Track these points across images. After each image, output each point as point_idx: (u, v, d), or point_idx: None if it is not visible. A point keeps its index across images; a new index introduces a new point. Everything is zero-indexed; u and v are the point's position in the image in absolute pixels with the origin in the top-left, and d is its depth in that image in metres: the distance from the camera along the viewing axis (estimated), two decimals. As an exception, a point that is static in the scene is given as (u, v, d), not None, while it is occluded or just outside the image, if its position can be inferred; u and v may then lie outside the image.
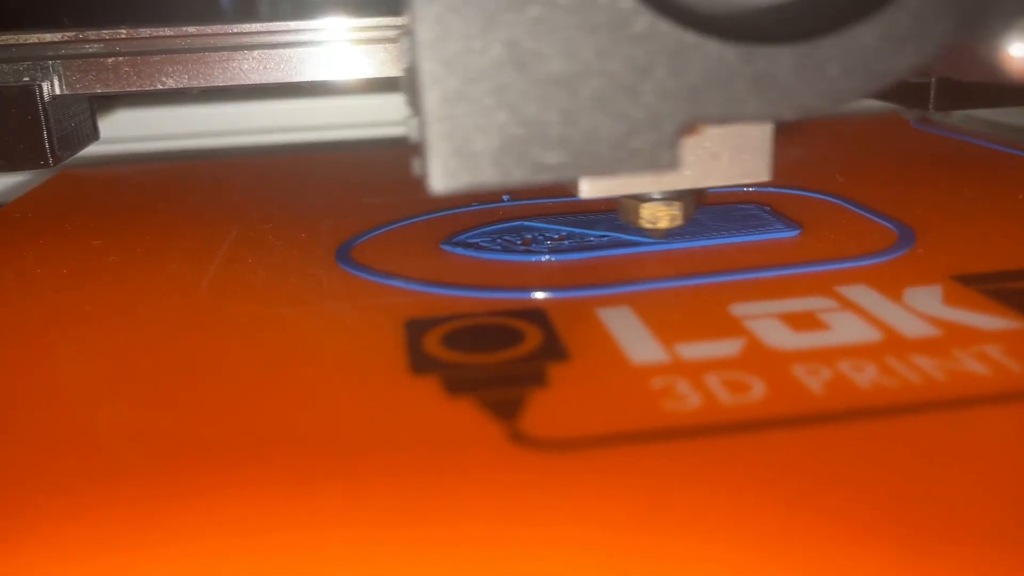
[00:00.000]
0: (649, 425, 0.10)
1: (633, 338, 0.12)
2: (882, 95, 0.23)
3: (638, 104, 0.11)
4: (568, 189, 0.14)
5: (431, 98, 0.10)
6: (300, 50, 0.19)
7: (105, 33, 0.18)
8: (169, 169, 0.25)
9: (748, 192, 0.19)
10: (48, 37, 0.18)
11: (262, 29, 0.19)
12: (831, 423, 0.10)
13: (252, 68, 0.19)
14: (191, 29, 0.19)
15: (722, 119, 0.11)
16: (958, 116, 0.29)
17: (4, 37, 0.18)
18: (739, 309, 0.13)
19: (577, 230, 0.17)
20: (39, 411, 0.11)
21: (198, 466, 0.10)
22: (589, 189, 0.13)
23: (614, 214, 0.18)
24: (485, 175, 0.11)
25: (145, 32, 0.18)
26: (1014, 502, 0.08)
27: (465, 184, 0.11)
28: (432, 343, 0.12)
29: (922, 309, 0.13)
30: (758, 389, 0.11)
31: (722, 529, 0.08)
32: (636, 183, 0.13)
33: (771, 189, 0.19)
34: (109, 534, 0.08)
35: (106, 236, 0.18)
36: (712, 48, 0.11)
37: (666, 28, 0.10)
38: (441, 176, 0.11)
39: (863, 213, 0.17)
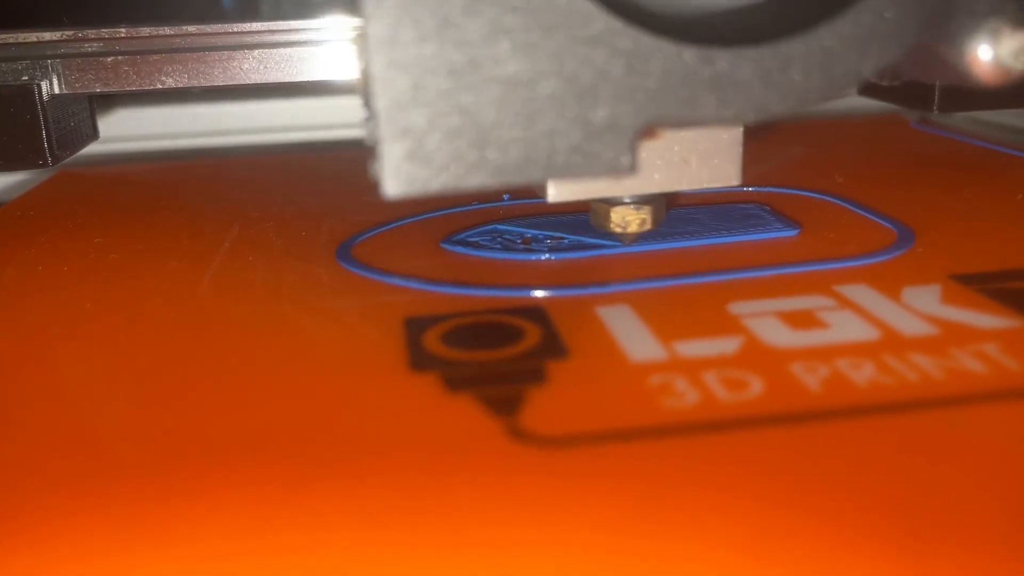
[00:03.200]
0: (647, 422, 0.10)
1: (632, 336, 0.12)
2: (885, 96, 0.23)
3: (596, 107, 0.10)
4: (536, 192, 0.13)
5: (383, 100, 0.10)
6: (300, 49, 0.19)
7: (104, 32, 0.18)
8: (169, 168, 0.25)
9: (748, 192, 0.19)
10: (47, 36, 0.18)
11: (262, 28, 0.19)
12: (829, 421, 0.10)
13: (252, 68, 0.19)
14: (191, 28, 0.18)
15: (681, 122, 0.11)
16: (958, 117, 0.29)
17: (2, 36, 0.18)
18: (738, 308, 0.13)
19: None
20: (39, 410, 0.11)
21: (197, 464, 0.10)
22: (556, 192, 0.13)
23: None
24: (439, 179, 0.10)
25: (145, 31, 0.18)
26: (1011, 500, 0.09)
27: (419, 188, 0.10)
28: (432, 341, 0.12)
29: (920, 308, 0.13)
30: (756, 387, 0.11)
31: (719, 526, 0.08)
32: (604, 187, 0.13)
33: (771, 189, 0.19)
34: (109, 534, 0.08)
35: (106, 235, 0.18)
36: (671, 50, 0.10)
37: (623, 30, 0.10)
38: (394, 180, 0.10)
39: (862, 213, 0.17)
